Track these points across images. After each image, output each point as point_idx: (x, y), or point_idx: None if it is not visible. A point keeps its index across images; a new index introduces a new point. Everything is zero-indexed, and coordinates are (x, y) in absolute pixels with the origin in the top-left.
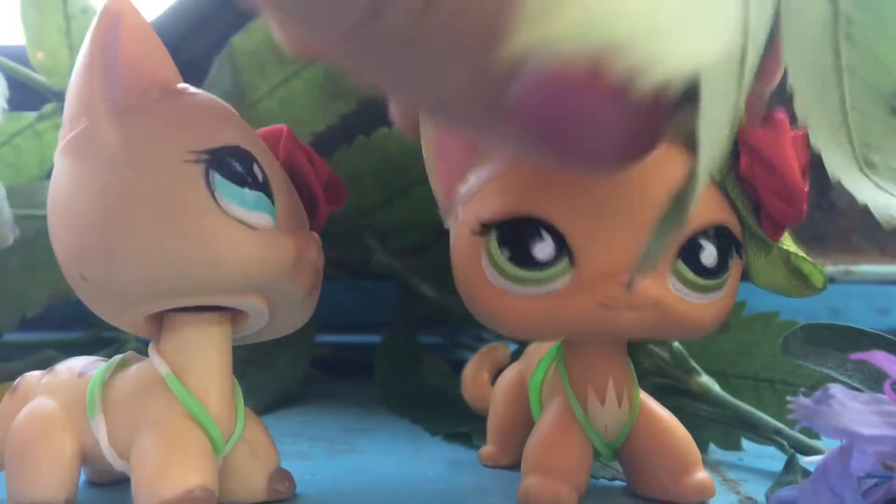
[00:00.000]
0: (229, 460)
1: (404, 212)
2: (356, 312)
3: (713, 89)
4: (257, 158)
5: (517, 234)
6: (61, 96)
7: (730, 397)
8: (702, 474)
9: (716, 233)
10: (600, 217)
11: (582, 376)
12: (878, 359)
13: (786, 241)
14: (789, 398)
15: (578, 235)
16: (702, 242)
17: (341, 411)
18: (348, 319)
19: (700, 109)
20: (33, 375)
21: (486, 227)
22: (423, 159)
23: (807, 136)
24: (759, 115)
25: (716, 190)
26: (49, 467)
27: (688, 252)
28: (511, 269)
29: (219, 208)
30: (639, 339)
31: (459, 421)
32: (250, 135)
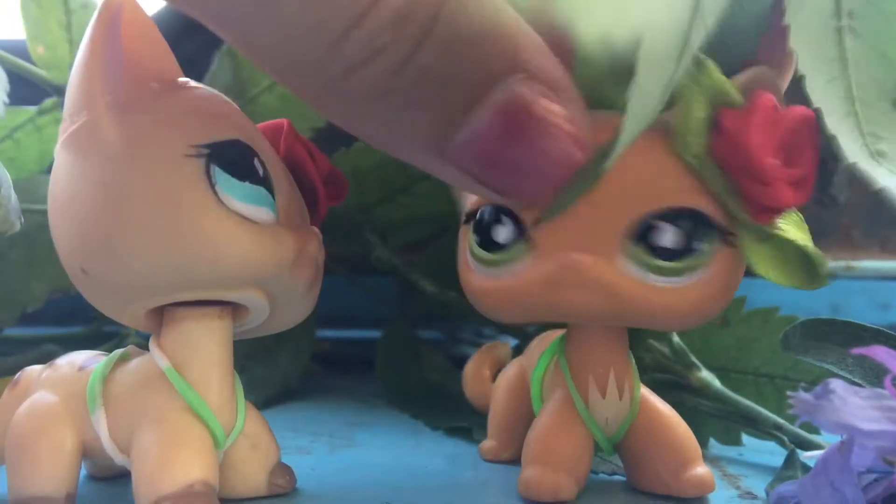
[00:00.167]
0: (230, 455)
1: (406, 208)
2: (356, 308)
3: (651, 57)
4: (258, 153)
5: (484, 221)
6: (62, 91)
7: (730, 392)
8: (701, 469)
9: (677, 215)
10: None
11: (583, 368)
12: (879, 354)
13: (789, 230)
14: (789, 393)
15: (534, 217)
16: (657, 223)
17: (342, 406)
18: (349, 315)
19: (636, 75)
20: (34, 370)
21: (469, 217)
22: None
23: (800, 116)
24: (777, 104)
25: (686, 174)
26: (50, 461)
27: (641, 233)
28: (479, 252)
29: (219, 202)
30: (603, 323)
31: (460, 416)
32: (251, 129)
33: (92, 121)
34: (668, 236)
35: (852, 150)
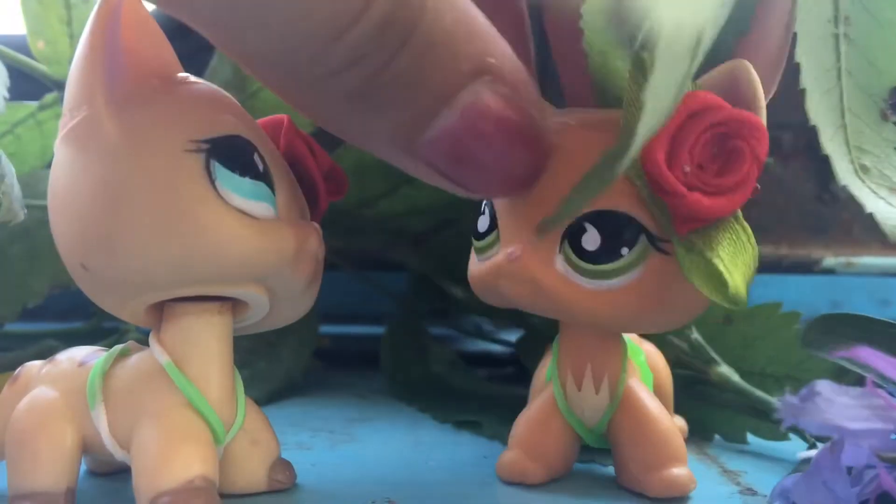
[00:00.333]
0: (230, 450)
1: (409, 200)
2: (357, 303)
3: (668, 55)
4: (258, 148)
5: (477, 209)
6: (62, 86)
7: (750, 387)
8: (677, 470)
9: (606, 219)
10: (516, 196)
11: (564, 361)
12: (862, 354)
13: (717, 244)
14: (777, 397)
15: (501, 210)
16: (585, 225)
17: (342, 401)
18: (350, 310)
19: (652, 74)
20: (34, 365)
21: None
22: None
23: (738, 119)
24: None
25: (624, 177)
26: (50, 457)
27: (573, 233)
28: (473, 240)
29: (219, 198)
30: (547, 315)
31: (467, 409)
32: (251, 124)
33: (92, 116)
34: (593, 240)
35: (843, 169)
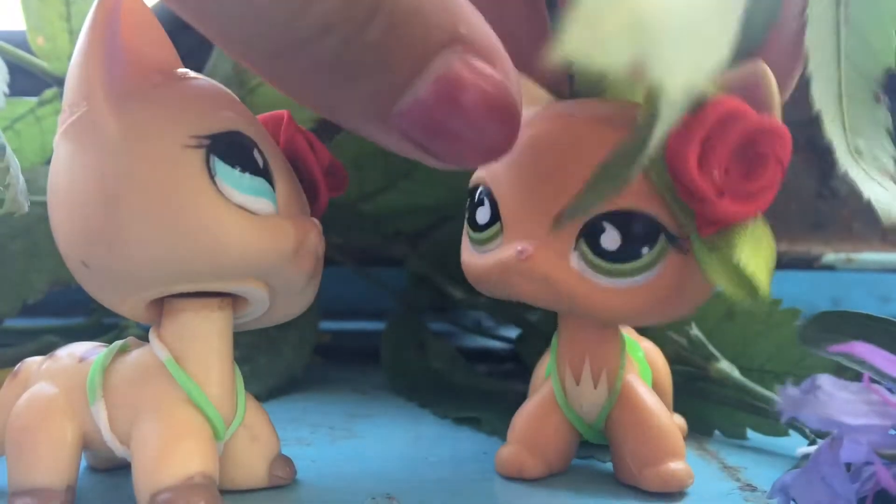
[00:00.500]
0: (230, 446)
1: (408, 195)
2: (358, 299)
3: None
4: (258, 144)
5: (472, 199)
6: (62, 81)
7: (750, 383)
8: (674, 465)
9: (626, 218)
10: (524, 190)
11: (563, 357)
12: (860, 350)
13: (739, 242)
14: (778, 388)
15: (505, 204)
16: (605, 225)
17: (342, 397)
18: (350, 306)
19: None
20: (34, 361)
21: (469, 193)
22: None
23: (764, 126)
24: (738, 111)
25: (642, 176)
26: (50, 453)
27: (591, 231)
28: (468, 229)
29: (219, 194)
30: (558, 310)
31: (467, 405)
32: (251, 120)
33: (91, 112)
34: (612, 239)
35: (842, 152)
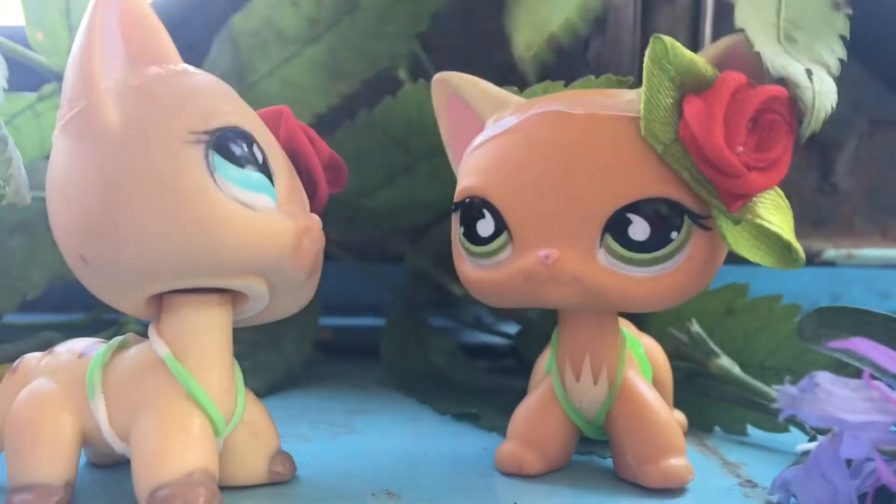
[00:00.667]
0: (229, 442)
1: (408, 190)
2: (358, 295)
3: None
4: (257, 139)
5: (467, 213)
6: (61, 77)
7: (750, 379)
8: (675, 461)
9: (650, 206)
10: (533, 195)
11: (563, 353)
12: (860, 346)
13: (765, 212)
14: (776, 386)
15: (513, 212)
16: (630, 217)
17: (342, 393)
18: (350, 302)
19: None
20: (33, 357)
21: (456, 206)
22: (427, 133)
23: (770, 94)
24: (747, 82)
25: (655, 163)
26: (49, 449)
27: (615, 226)
28: (466, 243)
29: (218, 189)
30: (580, 308)
31: (467, 401)
32: (250, 115)
33: (90, 107)
34: (641, 229)
35: (760, 38)
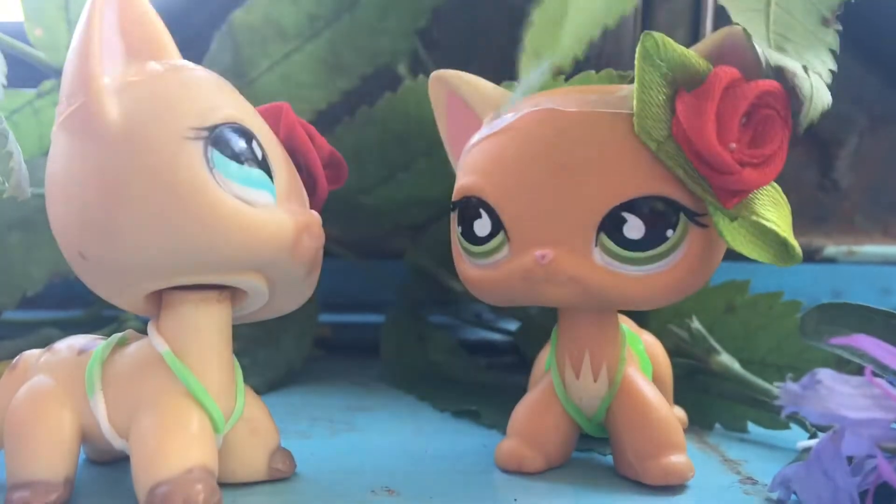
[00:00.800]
0: (229, 439)
1: (407, 187)
2: (357, 292)
3: None
4: (256, 135)
5: (464, 213)
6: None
7: (751, 376)
8: (675, 458)
9: (645, 204)
10: (528, 195)
11: (563, 350)
12: (862, 342)
13: (761, 208)
14: (777, 384)
15: (509, 212)
16: (625, 216)
17: (342, 390)
18: (350, 299)
19: None
20: (32, 353)
21: (454, 206)
22: (427, 129)
23: (765, 89)
24: (740, 76)
25: (649, 160)
26: (48, 445)
27: (610, 224)
28: (463, 243)
29: (218, 186)
30: (578, 307)
31: (466, 398)
32: (250, 112)
33: (89, 103)
34: (636, 228)
35: (759, 36)
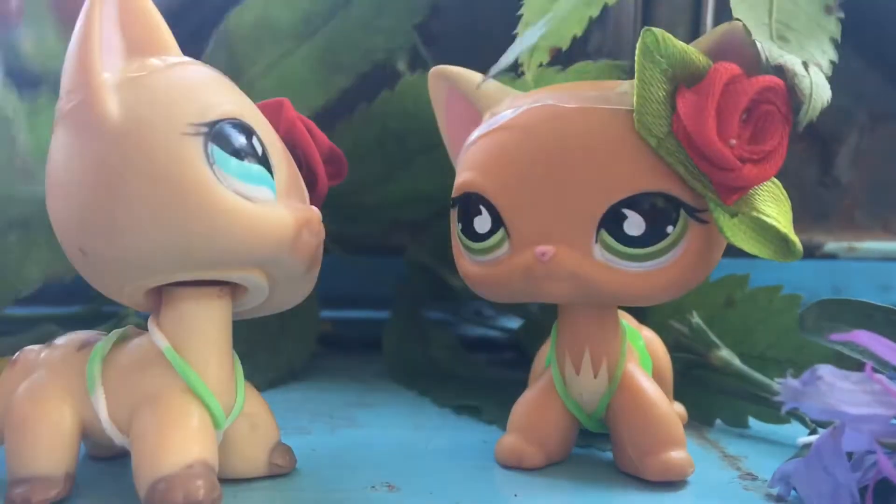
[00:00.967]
0: (229, 435)
1: (406, 186)
2: (358, 288)
3: None
4: (256, 131)
5: (464, 209)
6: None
7: (751, 371)
8: (675, 454)
9: (645, 201)
10: (528, 192)
11: (563, 346)
12: (862, 338)
13: (762, 204)
14: (777, 380)
15: (509, 209)
16: (626, 212)
17: (342, 386)
18: (350, 295)
19: None
20: (33, 349)
21: (454, 203)
22: (424, 126)
23: (765, 85)
24: (740, 73)
25: (649, 157)
26: (49, 441)
27: (610, 221)
28: (464, 240)
29: (218, 182)
30: (578, 303)
31: (466, 394)
32: (249, 107)
33: (89, 98)
34: (636, 224)
35: (759, 32)
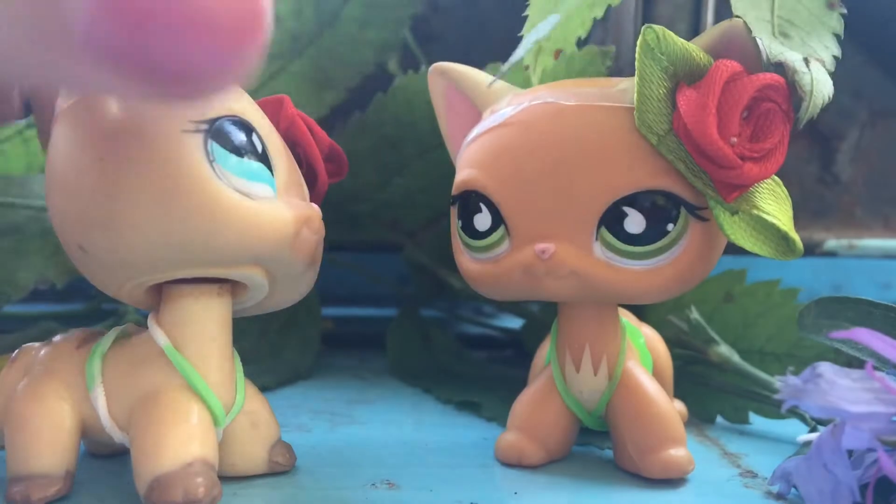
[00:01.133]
0: (230, 433)
1: (402, 192)
2: (358, 286)
3: None
4: (256, 129)
5: (465, 207)
6: None
7: (750, 367)
8: (675, 452)
9: (645, 199)
10: (528, 189)
11: (563, 343)
12: (862, 336)
13: (762, 202)
14: (778, 377)
15: (509, 206)
16: (626, 210)
17: (342, 384)
18: (351, 293)
19: None
20: (32, 347)
21: (454, 200)
22: (418, 130)
23: (766, 83)
24: (741, 70)
25: (649, 154)
26: (48, 439)
27: (611, 219)
28: (464, 237)
29: (218, 179)
30: (578, 301)
31: (467, 391)
32: (250, 105)
33: (89, 95)
34: (637, 222)
35: (760, 28)
